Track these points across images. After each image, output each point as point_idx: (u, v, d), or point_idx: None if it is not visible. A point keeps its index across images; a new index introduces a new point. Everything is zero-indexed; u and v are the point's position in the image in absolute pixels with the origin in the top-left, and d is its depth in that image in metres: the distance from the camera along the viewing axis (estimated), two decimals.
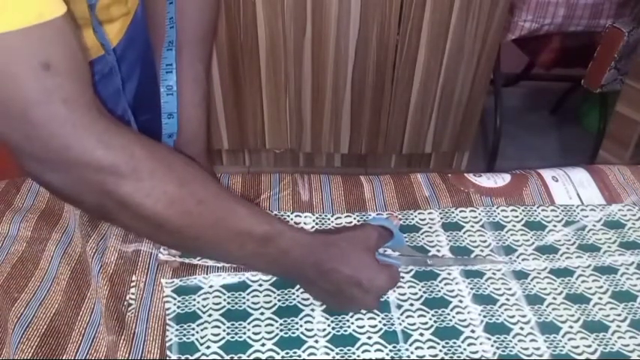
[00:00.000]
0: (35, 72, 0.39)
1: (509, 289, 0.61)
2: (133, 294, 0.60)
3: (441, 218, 0.70)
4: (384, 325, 0.57)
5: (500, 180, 0.76)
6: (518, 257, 0.65)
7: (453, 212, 0.71)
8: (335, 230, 0.59)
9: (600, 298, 0.61)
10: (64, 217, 0.70)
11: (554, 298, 0.60)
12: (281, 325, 0.57)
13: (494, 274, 0.63)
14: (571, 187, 0.76)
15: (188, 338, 0.56)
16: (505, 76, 2.01)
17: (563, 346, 0.56)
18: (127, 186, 0.43)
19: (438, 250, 0.66)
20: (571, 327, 0.58)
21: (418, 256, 0.64)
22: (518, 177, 0.77)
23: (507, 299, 0.60)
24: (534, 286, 0.62)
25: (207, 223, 0.48)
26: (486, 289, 0.61)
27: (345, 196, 0.74)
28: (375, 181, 0.77)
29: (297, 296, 0.60)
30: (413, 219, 0.70)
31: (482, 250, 0.66)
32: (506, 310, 0.59)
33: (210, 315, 0.58)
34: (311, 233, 0.56)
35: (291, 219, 0.69)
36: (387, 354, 0.55)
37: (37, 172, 0.45)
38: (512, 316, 0.58)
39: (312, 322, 0.57)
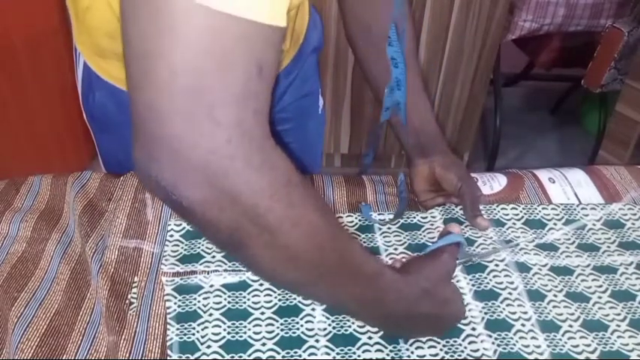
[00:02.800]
0: (250, 72, 0.35)
1: (512, 282, 0.61)
2: (134, 293, 0.60)
3: (442, 215, 0.71)
4: None
5: (497, 184, 0.76)
6: (520, 250, 0.65)
7: (454, 209, 0.71)
8: (416, 264, 0.56)
9: (600, 297, 0.61)
10: (63, 217, 0.70)
11: (555, 296, 0.60)
12: (282, 324, 0.57)
13: (497, 265, 0.63)
14: (568, 187, 0.76)
15: (189, 337, 0.56)
16: (505, 76, 2.01)
17: (563, 345, 0.56)
18: (278, 211, 0.38)
19: None
20: (571, 326, 0.58)
21: (468, 254, 0.64)
22: (515, 180, 0.77)
23: (510, 293, 0.60)
24: (536, 281, 0.62)
25: (332, 260, 0.44)
26: (488, 283, 0.61)
27: (347, 196, 0.74)
28: (376, 181, 0.77)
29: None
30: (414, 217, 0.70)
31: (485, 240, 0.66)
32: (508, 305, 0.59)
33: (210, 314, 0.58)
34: (401, 273, 0.53)
35: None
36: (388, 354, 0.55)
37: (173, 182, 0.36)
38: (514, 312, 0.58)
39: (312, 322, 0.57)
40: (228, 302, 0.59)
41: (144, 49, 0.34)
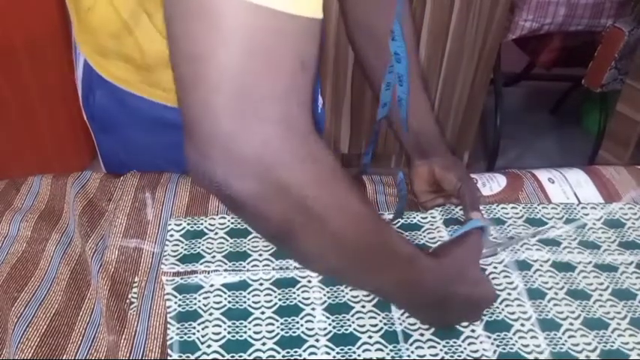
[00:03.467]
0: (294, 67, 0.36)
1: (511, 282, 0.61)
2: (135, 293, 0.60)
3: (442, 215, 0.71)
4: (385, 324, 0.57)
5: (496, 185, 0.76)
6: (522, 247, 0.65)
7: (453, 209, 0.71)
8: (446, 248, 0.59)
9: (601, 295, 0.61)
10: (63, 217, 0.70)
11: (556, 293, 0.60)
12: (282, 324, 0.57)
13: (495, 267, 0.63)
14: (568, 187, 0.76)
15: (189, 337, 0.56)
16: (505, 76, 2.01)
17: (564, 344, 0.56)
18: (325, 201, 0.40)
19: None
20: (571, 324, 0.58)
21: (492, 248, 0.65)
22: (514, 181, 0.77)
23: (509, 294, 0.60)
24: (537, 279, 0.62)
25: (374, 245, 0.46)
26: None
27: None
28: (376, 181, 0.77)
29: (298, 295, 0.60)
30: (414, 218, 0.70)
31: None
32: (507, 306, 0.59)
33: (211, 314, 0.58)
34: (432, 255, 0.55)
35: None
36: (388, 353, 0.55)
37: (225, 178, 0.37)
38: (513, 313, 0.58)
39: (312, 322, 0.57)
40: (229, 302, 0.59)
41: (191, 50, 0.34)
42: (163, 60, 0.64)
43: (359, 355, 0.54)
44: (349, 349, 0.55)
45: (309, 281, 0.61)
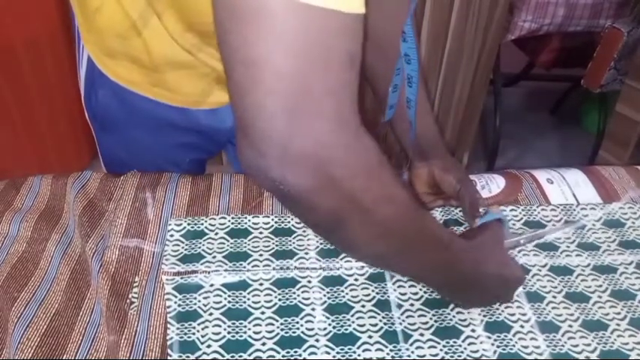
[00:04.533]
0: (344, 63, 0.37)
1: None
2: (135, 293, 0.60)
3: (443, 216, 0.71)
4: (385, 324, 0.57)
5: (495, 186, 0.76)
6: (519, 252, 0.65)
7: (453, 210, 0.71)
8: (472, 233, 0.62)
9: (600, 297, 0.61)
10: (63, 218, 0.70)
11: (554, 297, 0.61)
12: (282, 324, 0.57)
13: None
14: (566, 188, 0.76)
15: (189, 337, 0.56)
16: (505, 76, 2.01)
17: (563, 345, 0.56)
18: (374, 191, 0.41)
19: None
20: (570, 326, 0.58)
21: (515, 239, 0.67)
22: (513, 182, 0.77)
23: None
24: (535, 283, 0.62)
25: (417, 231, 0.48)
26: None
27: None
28: None
29: (298, 295, 0.60)
30: None
31: None
32: (507, 307, 0.59)
33: (211, 314, 0.58)
34: (465, 239, 0.59)
35: (294, 219, 0.69)
36: (388, 353, 0.55)
37: (281, 174, 0.38)
38: (513, 314, 0.59)
39: (312, 322, 0.57)
40: (229, 302, 0.59)
41: (247, 55, 0.35)
42: (171, 60, 0.65)
43: (359, 355, 0.54)
44: (349, 348, 0.55)
45: (309, 281, 0.61)
